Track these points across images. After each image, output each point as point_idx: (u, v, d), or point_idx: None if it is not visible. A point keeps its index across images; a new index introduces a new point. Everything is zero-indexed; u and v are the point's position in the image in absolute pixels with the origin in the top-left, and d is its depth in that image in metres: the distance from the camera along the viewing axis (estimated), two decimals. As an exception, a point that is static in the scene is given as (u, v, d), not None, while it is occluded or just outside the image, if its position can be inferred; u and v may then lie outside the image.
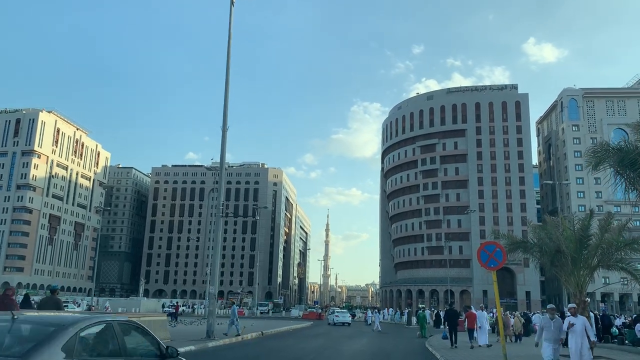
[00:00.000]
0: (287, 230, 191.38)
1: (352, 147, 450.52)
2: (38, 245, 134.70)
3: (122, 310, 60.48)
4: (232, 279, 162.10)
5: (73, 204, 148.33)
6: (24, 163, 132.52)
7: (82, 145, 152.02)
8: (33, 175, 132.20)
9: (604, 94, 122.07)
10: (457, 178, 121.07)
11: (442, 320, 36.26)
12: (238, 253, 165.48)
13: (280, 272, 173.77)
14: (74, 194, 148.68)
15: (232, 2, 24.08)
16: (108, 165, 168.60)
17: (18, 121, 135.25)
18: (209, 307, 19.78)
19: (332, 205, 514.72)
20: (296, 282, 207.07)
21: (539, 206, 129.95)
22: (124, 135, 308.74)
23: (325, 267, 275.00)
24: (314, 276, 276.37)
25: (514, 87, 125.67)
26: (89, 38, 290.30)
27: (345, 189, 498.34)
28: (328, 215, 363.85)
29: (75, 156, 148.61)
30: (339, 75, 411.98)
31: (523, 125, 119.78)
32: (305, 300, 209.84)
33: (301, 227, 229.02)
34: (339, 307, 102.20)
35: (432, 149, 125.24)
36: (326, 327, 48.32)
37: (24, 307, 12.03)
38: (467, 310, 27.78)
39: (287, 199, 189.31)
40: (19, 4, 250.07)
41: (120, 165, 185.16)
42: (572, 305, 12.55)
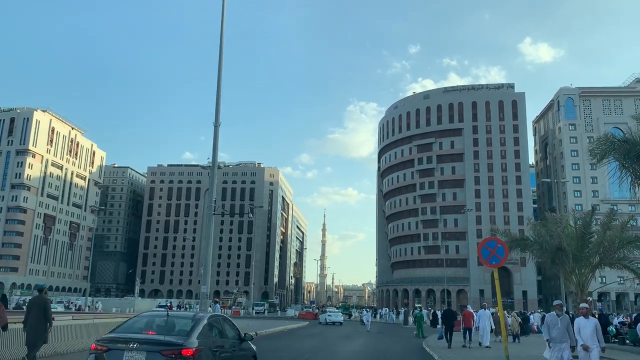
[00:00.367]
0: (284, 230, 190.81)
1: (349, 147, 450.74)
2: (33, 245, 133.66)
3: (116, 310, 60.19)
4: (228, 279, 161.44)
5: (68, 204, 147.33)
6: (18, 162, 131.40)
7: (77, 144, 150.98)
8: (27, 175, 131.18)
9: (600, 93, 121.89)
10: (454, 177, 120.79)
11: (440, 320, 35.91)
12: (234, 253, 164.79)
13: (276, 272, 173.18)
14: (69, 193, 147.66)
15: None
16: (103, 164, 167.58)
17: (12, 120, 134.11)
18: (201, 307, 19.26)
19: (328, 205, 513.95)
20: (292, 282, 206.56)
21: (536, 205, 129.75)
22: (120, 135, 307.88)
23: (322, 267, 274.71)
24: (310, 276, 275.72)
25: (511, 86, 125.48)
26: (85, 37, 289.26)
27: (342, 188, 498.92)
28: (325, 215, 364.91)
29: (70, 155, 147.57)
30: (336, 75, 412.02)
31: (520, 124, 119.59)
32: (302, 300, 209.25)
33: (298, 226, 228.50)
34: (335, 307, 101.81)
35: (429, 148, 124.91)
36: (322, 327, 47.87)
37: None
38: (463, 310, 27.53)
39: (284, 198, 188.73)
40: (14, 3, 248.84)
41: (115, 165, 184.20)
42: (584, 305, 11.35)
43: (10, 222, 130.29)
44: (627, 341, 26.43)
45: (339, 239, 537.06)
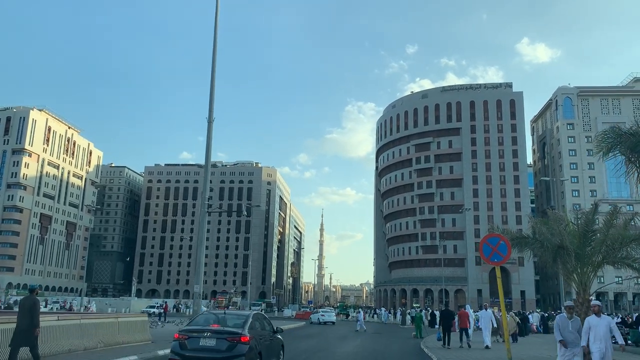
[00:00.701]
0: (281, 230, 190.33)
1: (347, 146, 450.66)
2: (29, 245, 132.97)
3: (111, 310, 60.02)
4: (225, 279, 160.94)
5: (65, 203, 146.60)
6: (14, 162, 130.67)
7: (74, 143, 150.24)
8: (24, 174, 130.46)
9: (598, 92, 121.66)
10: (452, 177, 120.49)
11: (438, 320, 35.53)
12: (232, 252, 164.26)
13: (274, 271, 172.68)
14: (66, 193, 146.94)
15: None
16: (100, 164, 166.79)
17: (8, 119, 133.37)
18: (194, 307, 18.81)
19: (326, 205, 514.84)
20: (290, 282, 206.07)
21: (533, 205, 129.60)
22: (117, 134, 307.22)
23: (320, 267, 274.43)
24: (308, 276, 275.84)
25: (509, 85, 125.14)
26: (83, 36, 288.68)
27: (340, 188, 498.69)
28: (322, 215, 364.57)
29: (67, 155, 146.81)
30: (333, 75, 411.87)
31: (518, 123, 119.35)
32: (299, 300, 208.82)
33: (295, 226, 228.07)
34: (332, 307, 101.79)
35: (427, 147, 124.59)
36: (319, 327, 47.44)
37: None
38: (460, 310, 27.28)
39: (281, 198, 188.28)
40: (12, 3, 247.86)
41: (112, 165, 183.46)
42: (596, 303, 10.32)
43: (6, 221, 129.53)
44: (629, 341, 26.11)
45: (337, 239, 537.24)
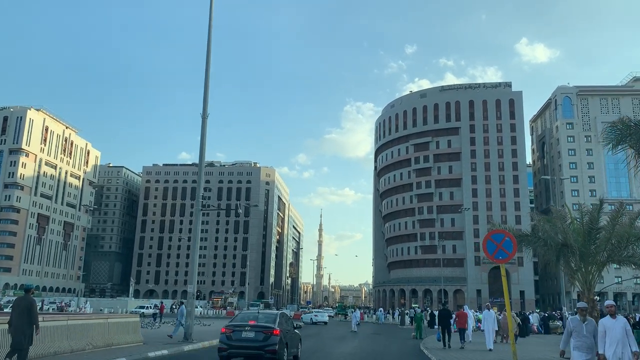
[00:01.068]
0: (280, 230, 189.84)
1: (346, 147, 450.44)
2: (26, 245, 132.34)
3: (108, 311, 59.57)
4: (224, 279, 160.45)
5: (62, 204, 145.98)
6: (11, 162, 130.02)
7: (72, 143, 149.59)
8: (21, 174, 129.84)
9: (598, 92, 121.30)
10: (451, 177, 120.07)
11: (437, 320, 35.09)
12: (230, 253, 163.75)
13: (272, 272, 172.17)
14: (63, 193, 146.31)
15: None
16: (98, 164, 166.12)
17: (5, 119, 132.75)
18: (187, 308, 18.36)
19: (325, 205, 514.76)
20: (289, 282, 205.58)
21: (532, 205, 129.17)
22: (116, 134, 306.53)
23: (319, 267, 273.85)
24: (307, 276, 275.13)
25: (508, 85, 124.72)
26: (81, 36, 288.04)
27: (339, 189, 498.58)
28: (321, 215, 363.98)
29: (65, 155, 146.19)
30: (333, 75, 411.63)
31: (517, 123, 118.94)
32: (298, 300, 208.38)
33: (294, 226, 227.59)
34: (331, 307, 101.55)
35: (426, 147, 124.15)
36: (317, 327, 47.01)
37: None
38: (458, 310, 26.96)
39: (280, 198, 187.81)
40: (9, 2, 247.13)
41: (110, 165, 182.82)
42: (610, 303, 9.36)
43: (3, 221, 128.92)
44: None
45: (336, 239, 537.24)
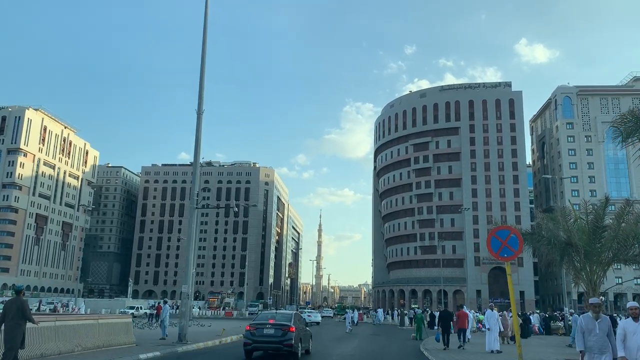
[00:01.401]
0: (279, 230, 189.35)
1: (345, 147, 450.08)
2: (24, 246, 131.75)
3: (105, 311, 59.14)
4: (223, 280, 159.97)
5: (60, 204, 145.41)
6: (9, 161, 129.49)
7: (70, 143, 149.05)
8: (19, 174, 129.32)
9: (598, 91, 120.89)
10: (451, 177, 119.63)
11: (437, 321, 34.72)
12: (229, 253, 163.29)
13: (271, 272, 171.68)
14: (62, 193, 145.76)
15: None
16: (97, 164, 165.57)
17: (4, 119, 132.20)
18: (182, 308, 17.90)
19: (325, 205, 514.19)
20: (288, 282, 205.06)
21: (532, 205, 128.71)
22: (116, 135, 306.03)
23: (318, 268, 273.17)
24: (306, 277, 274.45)
25: (508, 84, 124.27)
26: (80, 36, 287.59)
27: (338, 189, 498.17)
28: (321, 216, 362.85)
29: (63, 155, 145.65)
30: (332, 75, 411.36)
31: (517, 123, 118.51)
32: (297, 300, 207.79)
33: (293, 227, 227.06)
34: (331, 308, 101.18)
35: (425, 147, 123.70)
36: (315, 328, 46.50)
37: None
38: (459, 310, 26.72)
39: (279, 198, 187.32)
40: (7, 2, 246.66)
41: (109, 165, 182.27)
42: (633, 304, 8.47)
43: (1, 222, 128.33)
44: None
45: (335, 240, 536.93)
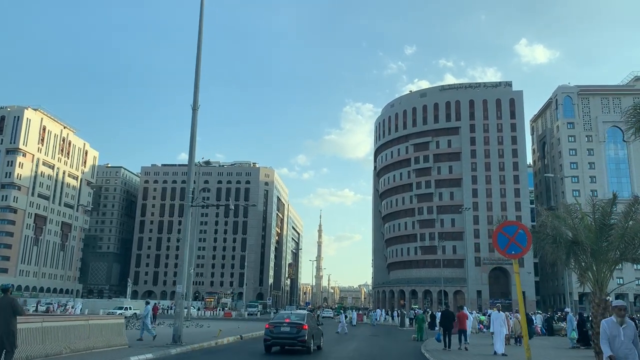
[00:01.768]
0: (279, 231, 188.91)
1: (345, 148, 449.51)
2: (23, 246, 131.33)
3: (103, 312, 58.62)
4: (222, 280, 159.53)
5: (60, 204, 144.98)
6: (8, 162, 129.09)
7: (69, 143, 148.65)
8: (18, 174, 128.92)
9: (599, 91, 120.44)
10: (451, 177, 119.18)
11: (438, 321, 34.36)
12: (229, 253, 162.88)
13: (271, 272, 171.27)
14: (61, 193, 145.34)
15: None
16: (96, 164, 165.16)
17: (2, 119, 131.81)
18: (176, 309, 17.49)
19: (325, 206, 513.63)
20: (288, 282, 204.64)
21: (533, 205, 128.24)
22: (116, 135, 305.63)
23: (318, 268, 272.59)
24: (306, 277, 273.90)
25: (508, 84, 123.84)
26: (79, 36, 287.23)
27: (338, 189, 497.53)
28: (321, 216, 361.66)
29: (62, 155, 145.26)
30: (332, 75, 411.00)
31: (517, 122, 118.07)
32: (297, 301, 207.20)
33: (293, 227, 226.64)
34: (331, 308, 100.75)
35: (426, 147, 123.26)
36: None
37: None
38: (459, 311, 26.61)
39: (279, 198, 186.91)
40: (6, 2, 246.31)
41: (109, 165, 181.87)
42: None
43: (0, 222, 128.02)
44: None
45: (335, 240, 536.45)
